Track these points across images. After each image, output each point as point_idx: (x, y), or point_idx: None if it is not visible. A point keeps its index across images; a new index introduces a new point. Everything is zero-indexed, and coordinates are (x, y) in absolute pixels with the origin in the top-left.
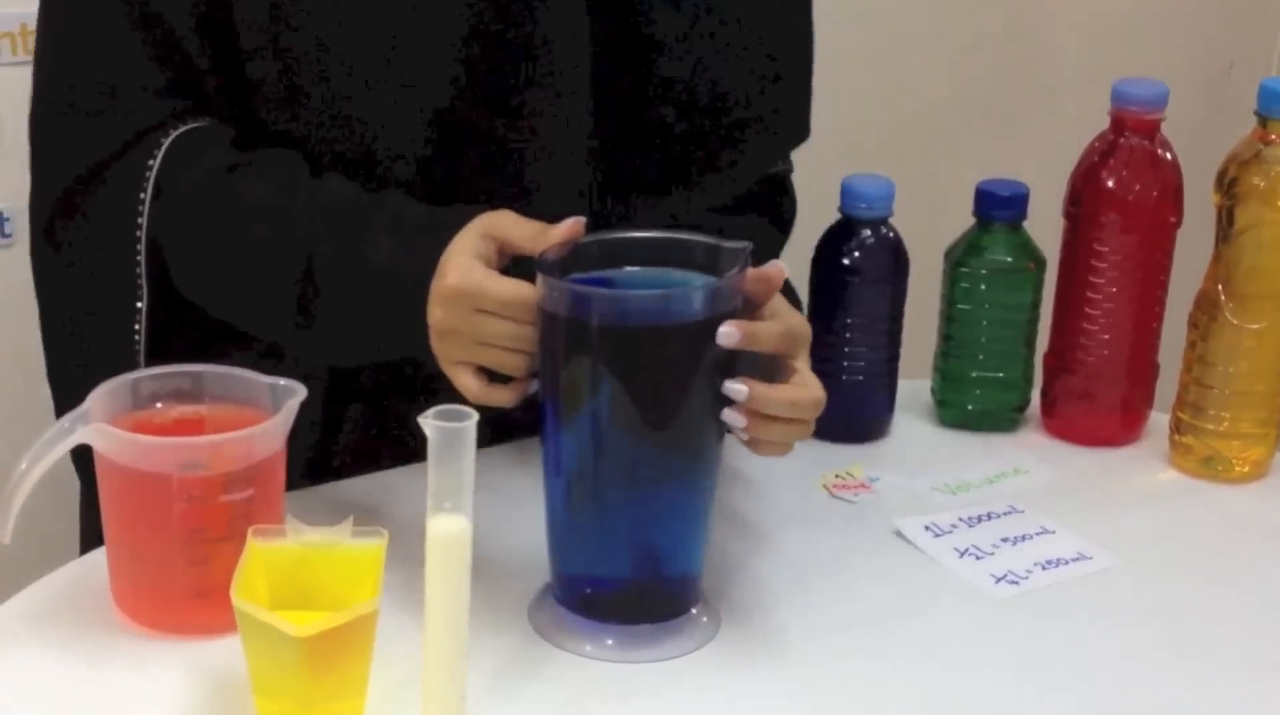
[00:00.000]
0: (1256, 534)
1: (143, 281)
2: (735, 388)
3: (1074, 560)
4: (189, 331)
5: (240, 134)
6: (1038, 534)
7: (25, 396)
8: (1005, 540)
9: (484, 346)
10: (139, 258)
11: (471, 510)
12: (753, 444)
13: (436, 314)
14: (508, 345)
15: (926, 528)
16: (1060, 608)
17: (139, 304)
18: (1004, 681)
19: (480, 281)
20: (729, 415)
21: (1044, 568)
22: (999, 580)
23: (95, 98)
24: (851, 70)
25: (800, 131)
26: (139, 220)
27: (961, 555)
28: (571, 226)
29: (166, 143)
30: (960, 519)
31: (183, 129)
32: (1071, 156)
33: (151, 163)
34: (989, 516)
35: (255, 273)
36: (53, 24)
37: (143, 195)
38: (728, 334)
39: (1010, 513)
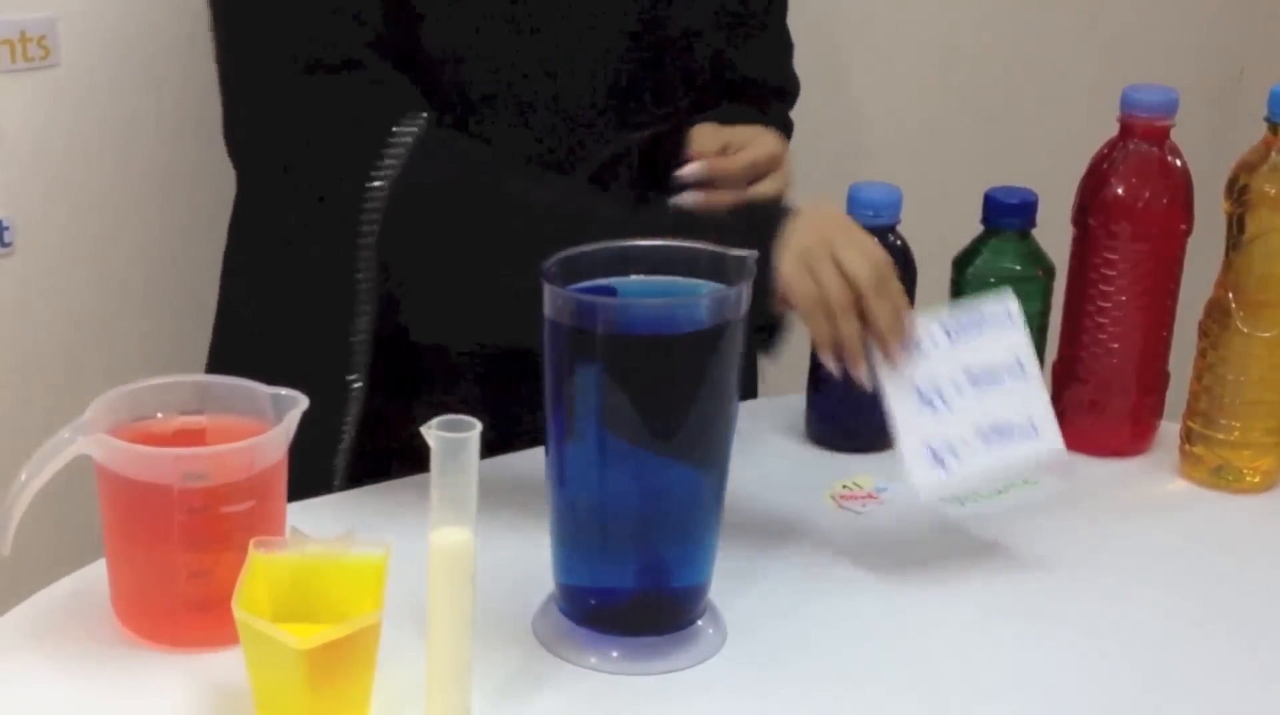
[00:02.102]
0: (1267, 544)
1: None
2: (691, 169)
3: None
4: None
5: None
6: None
7: (25, 405)
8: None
9: (836, 272)
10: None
11: (475, 521)
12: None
13: (803, 233)
14: (855, 280)
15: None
16: (1070, 619)
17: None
18: (1015, 696)
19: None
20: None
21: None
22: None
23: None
24: (858, 77)
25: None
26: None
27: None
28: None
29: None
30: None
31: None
32: (1080, 163)
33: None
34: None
35: None
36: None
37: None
38: (693, 171)
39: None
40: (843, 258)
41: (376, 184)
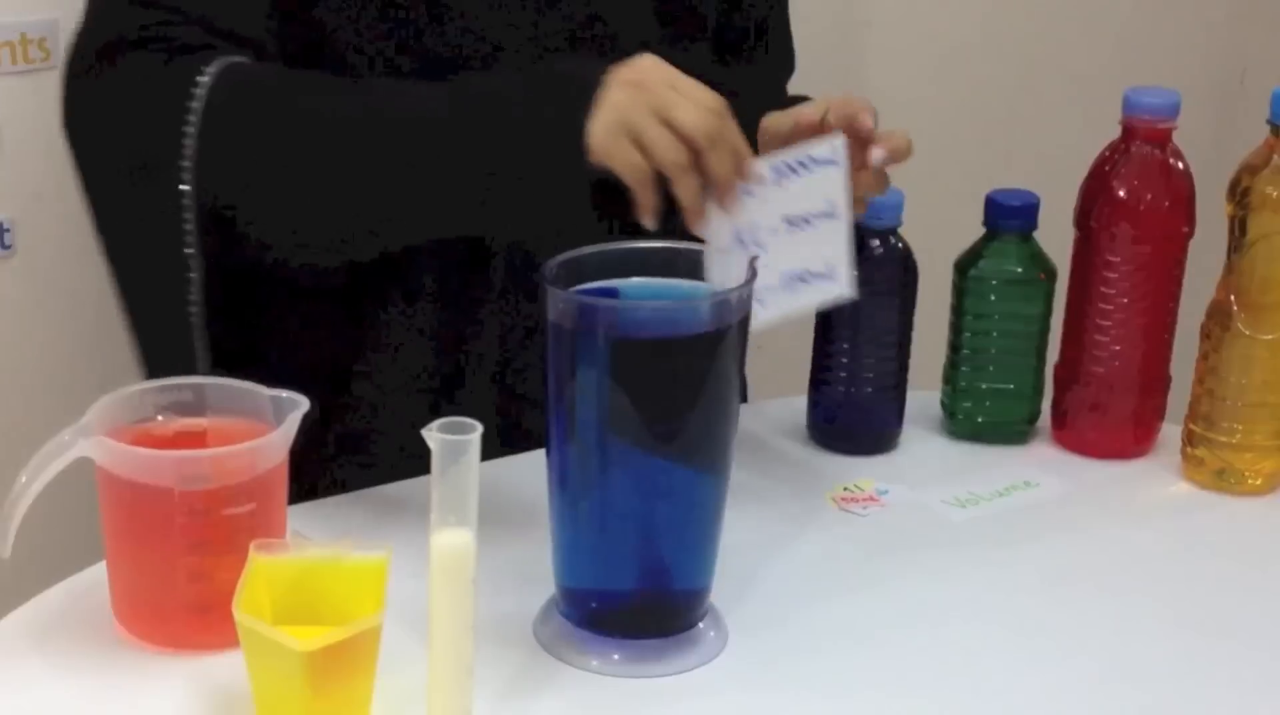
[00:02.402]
0: (1270, 547)
1: (194, 249)
2: (879, 154)
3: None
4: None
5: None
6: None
7: (25, 407)
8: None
9: (656, 129)
10: (188, 225)
11: (476, 523)
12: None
13: (617, 95)
14: (687, 125)
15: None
16: (1072, 622)
17: (190, 275)
18: (1017, 699)
19: (673, 70)
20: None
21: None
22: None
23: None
24: (858, 79)
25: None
26: (183, 176)
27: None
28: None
29: (205, 84)
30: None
31: (221, 66)
32: (1082, 166)
33: (191, 114)
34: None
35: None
36: None
37: (185, 154)
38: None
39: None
40: (674, 116)
41: (187, 133)
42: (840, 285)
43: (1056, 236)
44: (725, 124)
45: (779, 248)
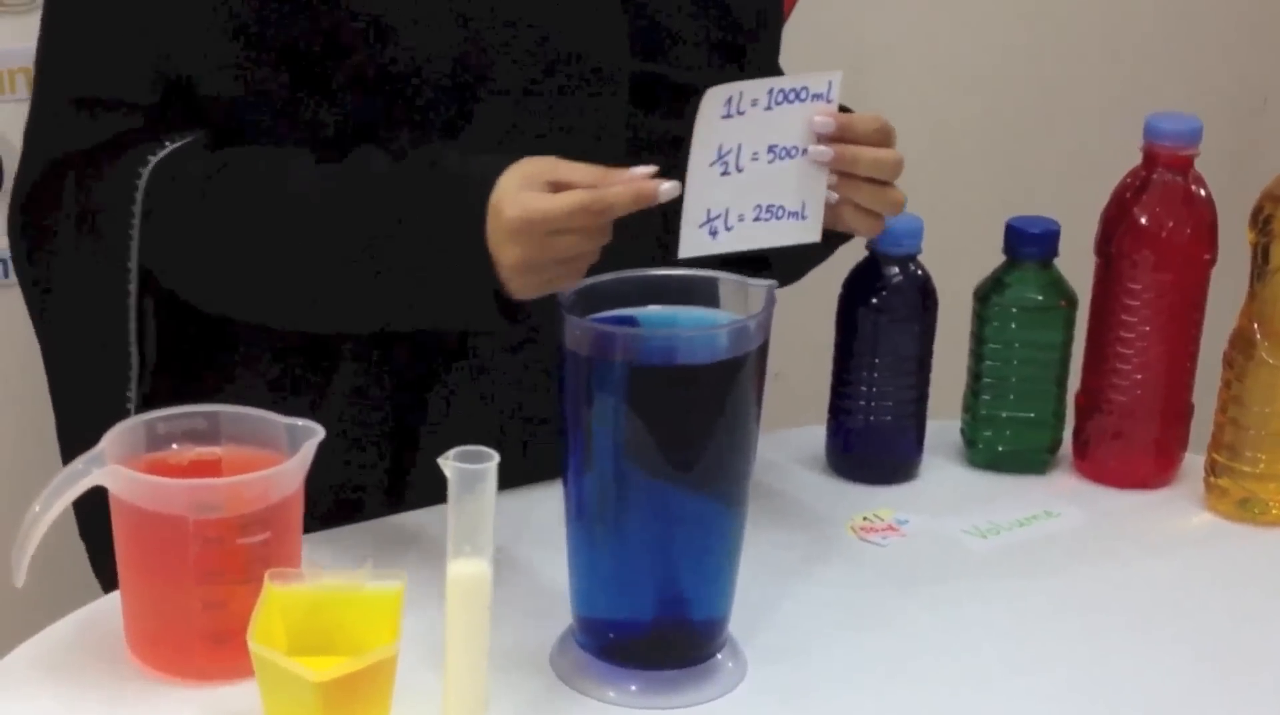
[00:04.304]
0: None
1: (133, 345)
2: (819, 149)
3: None
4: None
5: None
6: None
7: (36, 437)
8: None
9: (564, 263)
10: (130, 310)
11: (492, 553)
12: (843, 208)
13: (510, 254)
14: (586, 248)
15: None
16: (1092, 653)
17: (130, 371)
18: None
19: (540, 206)
20: (816, 151)
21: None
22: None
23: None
24: (878, 105)
25: None
26: (128, 262)
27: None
28: (640, 176)
29: (146, 173)
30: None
31: (162, 154)
32: (1103, 193)
33: (133, 205)
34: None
35: (299, 257)
36: (52, 23)
37: (130, 243)
38: (823, 123)
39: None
40: (563, 245)
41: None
42: (808, 227)
43: (1077, 263)
44: (599, 202)
45: (757, 174)
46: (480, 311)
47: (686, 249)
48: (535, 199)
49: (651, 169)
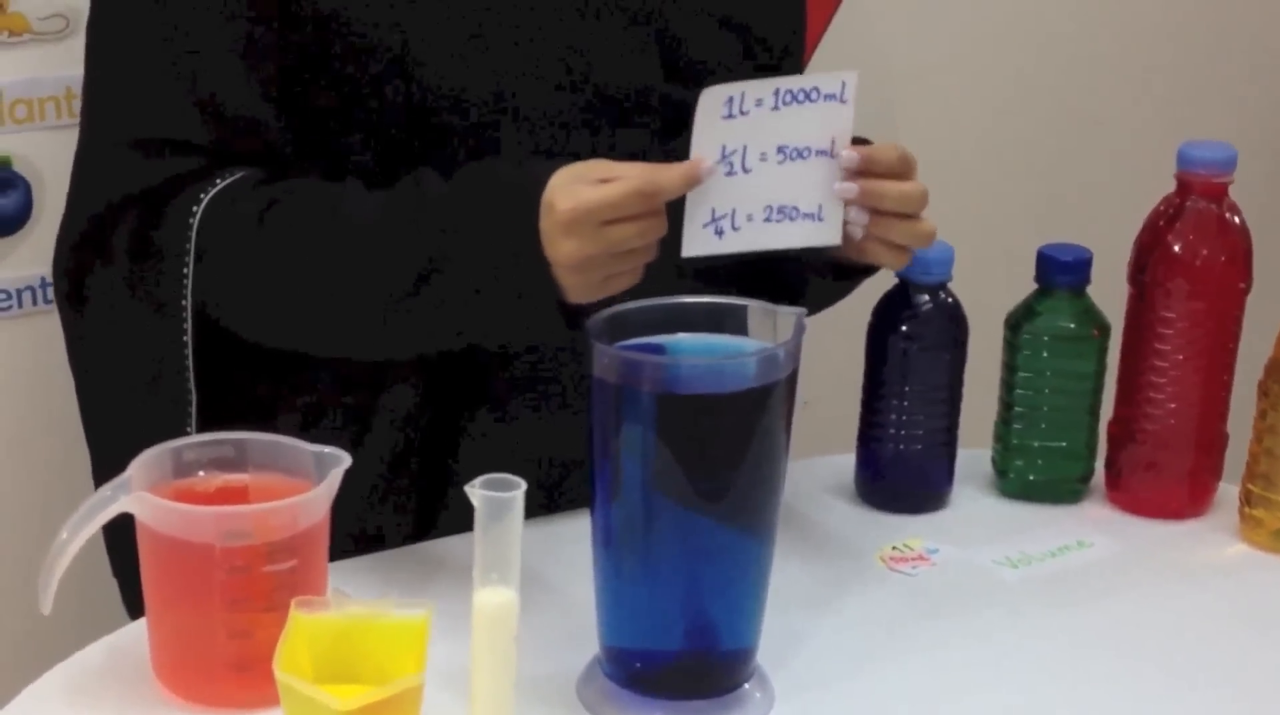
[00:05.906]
0: None
1: (191, 383)
2: (845, 186)
3: None
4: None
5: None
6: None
7: (67, 460)
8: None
9: (620, 257)
10: (187, 355)
11: (519, 582)
12: (869, 243)
13: (565, 249)
14: (641, 241)
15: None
16: (1125, 685)
17: (190, 407)
18: None
19: (591, 196)
20: (842, 188)
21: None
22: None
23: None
24: (910, 133)
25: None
26: (183, 301)
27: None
28: (692, 166)
29: (199, 211)
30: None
31: (214, 192)
32: (1136, 220)
33: (188, 244)
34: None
35: (361, 283)
36: (99, 67)
37: (184, 295)
38: (848, 157)
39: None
40: (618, 238)
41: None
42: (828, 230)
43: (1110, 292)
44: (650, 184)
45: (767, 175)
46: (538, 313)
47: (690, 248)
48: (587, 189)
49: (700, 158)
